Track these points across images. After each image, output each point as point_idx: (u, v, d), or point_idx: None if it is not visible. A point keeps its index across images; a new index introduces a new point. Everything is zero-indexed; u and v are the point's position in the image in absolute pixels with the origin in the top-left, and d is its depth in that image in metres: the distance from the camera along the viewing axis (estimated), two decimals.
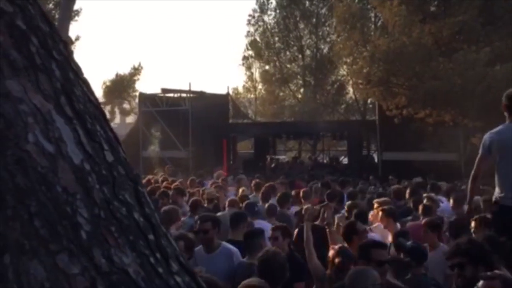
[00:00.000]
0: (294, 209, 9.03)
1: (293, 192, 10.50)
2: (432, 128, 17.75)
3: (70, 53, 1.38)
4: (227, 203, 8.50)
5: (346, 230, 6.05)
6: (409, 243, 5.80)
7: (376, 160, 22.69)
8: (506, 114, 5.21)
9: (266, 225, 6.86)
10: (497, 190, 5.26)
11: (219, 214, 8.03)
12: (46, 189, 1.12)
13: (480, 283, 3.22)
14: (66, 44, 1.39)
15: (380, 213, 7.38)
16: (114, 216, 1.16)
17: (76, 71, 1.35)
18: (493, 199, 5.43)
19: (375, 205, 7.85)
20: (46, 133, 1.18)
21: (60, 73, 1.28)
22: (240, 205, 8.46)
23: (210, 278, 3.83)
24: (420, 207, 8.02)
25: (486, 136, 5.32)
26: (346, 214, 7.32)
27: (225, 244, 5.53)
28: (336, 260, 4.75)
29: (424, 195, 9.88)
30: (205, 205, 9.05)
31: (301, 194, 10.02)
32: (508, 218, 5.04)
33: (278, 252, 4.82)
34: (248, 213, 7.80)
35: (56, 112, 1.22)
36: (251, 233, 5.77)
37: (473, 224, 6.04)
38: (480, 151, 5.34)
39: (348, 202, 8.69)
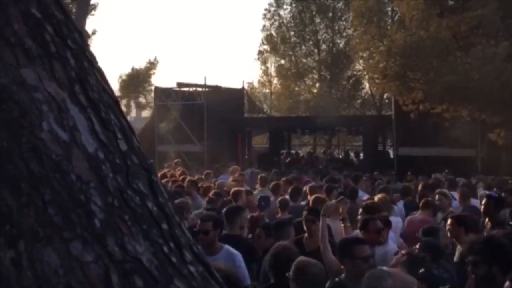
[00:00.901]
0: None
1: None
2: (449, 124, 17.59)
3: (85, 42, 1.38)
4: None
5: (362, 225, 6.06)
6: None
7: (391, 155, 22.53)
8: None
9: None
10: None
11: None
12: (60, 177, 1.12)
13: (507, 283, 3.18)
14: (81, 33, 1.39)
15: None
16: (127, 204, 1.16)
17: (91, 60, 1.35)
18: None
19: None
20: (61, 122, 1.18)
21: (75, 61, 1.28)
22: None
23: (229, 271, 3.83)
24: (421, 203, 8.01)
25: None
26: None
27: (227, 247, 5.28)
28: None
29: (437, 190, 9.83)
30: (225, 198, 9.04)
31: (307, 189, 10.00)
32: None
33: (289, 247, 4.85)
34: (261, 207, 7.86)
35: (70, 100, 1.22)
36: (281, 222, 5.88)
37: (448, 222, 6.01)
38: None
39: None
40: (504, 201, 7.41)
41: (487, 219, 6.67)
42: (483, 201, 7.11)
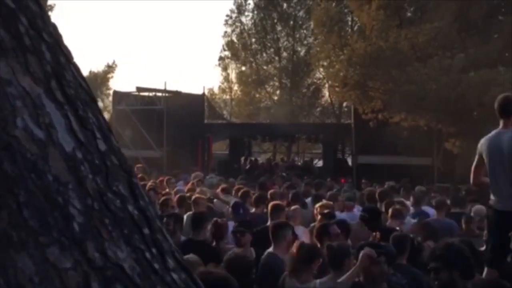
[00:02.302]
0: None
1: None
2: (406, 133, 17.93)
3: (60, 36, 1.30)
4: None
5: (318, 232, 6.09)
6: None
7: (350, 163, 22.80)
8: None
9: None
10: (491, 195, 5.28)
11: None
12: (36, 178, 1.05)
13: None
14: (55, 27, 1.32)
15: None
16: (108, 208, 1.09)
17: (67, 55, 1.27)
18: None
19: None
20: (36, 118, 1.10)
21: (51, 56, 1.20)
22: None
23: (222, 274, 3.77)
24: (390, 211, 8.08)
25: (480, 143, 5.31)
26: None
27: None
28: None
29: (396, 199, 9.99)
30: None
31: (268, 195, 10.00)
32: (500, 221, 5.06)
33: (243, 255, 4.88)
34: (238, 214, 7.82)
35: (46, 96, 1.14)
36: (278, 224, 5.81)
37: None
38: (475, 158, 5.35)
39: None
40: (379, 212, 7.63)
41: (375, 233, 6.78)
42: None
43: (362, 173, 18.48)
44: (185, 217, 7.58)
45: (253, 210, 8.75)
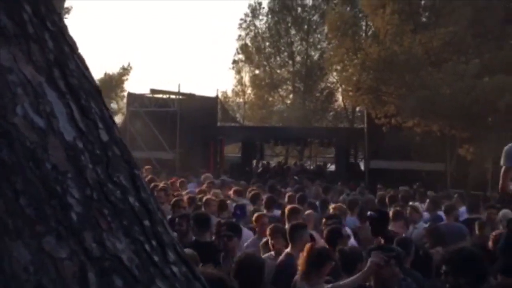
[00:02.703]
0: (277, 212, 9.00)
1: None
2: (419, 138, 17.81)
3: (65, 25, 1.29)
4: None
5: (331, 234, 6.05)
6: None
7: (362, 168, 22.69)
8: None
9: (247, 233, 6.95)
10: None
11: None
12: (34, 166, 1.03)
13: None
14: (60, 16, 1.30)
15: None
16: (107, 198, 1.07)
17: (71, 44, 1.25)
18: None
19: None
20: (37, 107, 1.08)
21: (54, 44, 1.19)
22: None
23: (218, 274, 3.75)
24: (391, 213, 8.00)
25: (507, 147, 5.22)
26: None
27: None
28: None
29: (410, 204, 9.94)
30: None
31: (286, 198, 10.02)
32: None
33: (254, 255, 4.86)
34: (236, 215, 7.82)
35: (48, 85, 1.12)
36: (295, 226, 5.82)
37: None
38: (502, 163, 5.26)
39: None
40: (388, 216, 7.56)
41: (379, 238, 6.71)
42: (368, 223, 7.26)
43: (374, 178, 18.38)
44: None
45: (264, 211, 8.78)
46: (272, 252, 5.71)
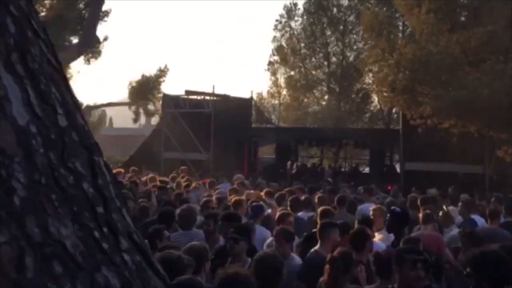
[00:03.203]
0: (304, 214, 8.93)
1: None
2: (456, 139, 17.39)
3: (33, 11, 1.28)
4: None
5: (357, 235, 5.96)
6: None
7: (398, 170, 22.32)
8: None
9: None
10: None
11: None
12: None
13: None
14: (30, 2, 1.29)
15: None
16: (57, 184, 1.05)
17: (37, 30, 1.24)
18: None
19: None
20: None
21: (16, 29, 1.17)
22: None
23: (243, 272, 3.77)
24: (420, 215, 7.84)
25: None
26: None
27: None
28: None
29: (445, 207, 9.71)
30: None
31: (316, 199, 9.94)
32: None
33: (274, 254, 4.83)
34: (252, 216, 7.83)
35: (4, 69, 1.11)
36: (325, 224, 5.86)
37: None
38: None
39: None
40: (409, 217, 7.40)
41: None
42: (387, 217, 7.09)
43: (410, 180, 18.02)
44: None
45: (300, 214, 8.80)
46: None
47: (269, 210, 9.30)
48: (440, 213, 8.80)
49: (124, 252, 1.07)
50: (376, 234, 7.29)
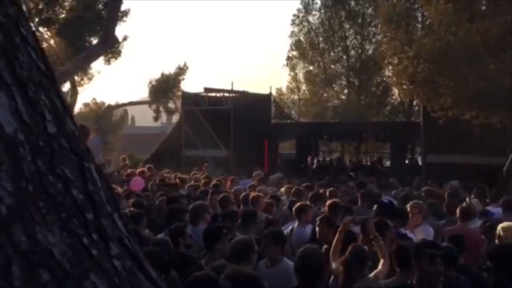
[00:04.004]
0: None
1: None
2: (478, 131, 17.14)
3: (22, 17, 1.28)
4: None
5: (378, 226, 5.96)
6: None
7: (420, 163, 22.10)
8: None
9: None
10: None
11: None
12: None
13: None
14: (19, 7, 1.29)
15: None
16: (45, 191, 1.05)
17: (26, 36, 1.24)
18: None
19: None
20: None
21: (4, 36, 1.18)
22: None
23: (252, 273, 3.83)
24: (458, 211, 7.76)
25: None
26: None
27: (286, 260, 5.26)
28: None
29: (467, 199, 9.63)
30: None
31: (327, 193, 9.91)
32: None
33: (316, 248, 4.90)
34: None
35: None
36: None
37: None
38: None
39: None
40: (396, 209, 7.40)
41: None
42: (374, 208, 7.14)
43: (431, 173, 17.83)
44: None
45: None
46: (266, 260, 5.39)
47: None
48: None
49: (114, 258, 1.07)
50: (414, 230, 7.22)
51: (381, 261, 5.33)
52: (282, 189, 11.81)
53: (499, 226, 6.14)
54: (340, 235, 5.57)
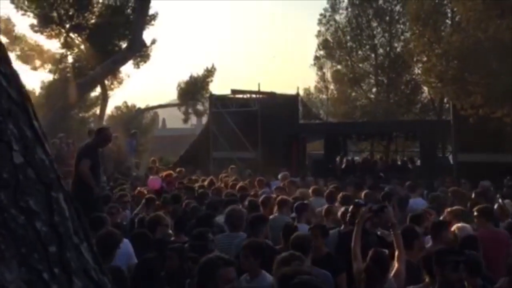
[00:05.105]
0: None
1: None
2: (510, 128, 16.74)
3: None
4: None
5: (405, 234, 5.84)
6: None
7: (451, 161, 21.70)
8: None
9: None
10: None
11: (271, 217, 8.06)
12: None
13: None
14: None
15: None
16: (6, 225, 1.03)
17: None
18: None
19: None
20: None
21: None
22: None
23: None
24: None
25: None
26: None
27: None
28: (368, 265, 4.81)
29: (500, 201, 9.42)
30: None
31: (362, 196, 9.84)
32: None
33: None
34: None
35: None
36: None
37: None
38: None
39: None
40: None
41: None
42: (350, 209, 7.07)
43: (463, 172, 17.49)
44: None
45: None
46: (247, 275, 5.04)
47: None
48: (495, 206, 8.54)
49: None
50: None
51: (396, 254, 5.21)
52: (310, 191, 11.76)
53: None
54: (358, 226, 5.55)
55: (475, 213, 7.39)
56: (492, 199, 10.33)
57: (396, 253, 5.22)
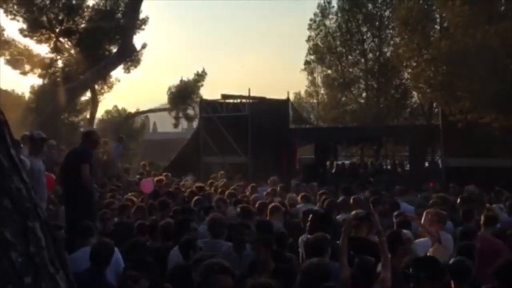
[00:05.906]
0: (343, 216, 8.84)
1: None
2: (499, 133, 16.86)
3: None
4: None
5: (389, 239, 5.84)
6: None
7: (440, 166, 21.80)
8: None
9: None
10: None
11: None
12: None
13: None
14: None
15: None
16: None
17: None
18: None
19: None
20: None
21: None
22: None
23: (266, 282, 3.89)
24: (483, 217, 7.73)
25: None
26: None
27: None
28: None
29: (487, 205, 9.52)
30: None
31: (351, 201, 9.86)
32: None
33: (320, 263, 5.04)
34: None
35: None
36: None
37: None
38: None
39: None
40: (331, 217, 7.42)
41: None
42: (309, 218, 7.06)
43: (451, 177, 17.58)
44: None
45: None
46: None
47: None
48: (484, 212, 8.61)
49: None
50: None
51: (381, 262, 5.19)
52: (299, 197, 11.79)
53: None
54: (344, 234, 5.54)
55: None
56: (480, 203, 10.42)
57: (382, 260, 5.22)
